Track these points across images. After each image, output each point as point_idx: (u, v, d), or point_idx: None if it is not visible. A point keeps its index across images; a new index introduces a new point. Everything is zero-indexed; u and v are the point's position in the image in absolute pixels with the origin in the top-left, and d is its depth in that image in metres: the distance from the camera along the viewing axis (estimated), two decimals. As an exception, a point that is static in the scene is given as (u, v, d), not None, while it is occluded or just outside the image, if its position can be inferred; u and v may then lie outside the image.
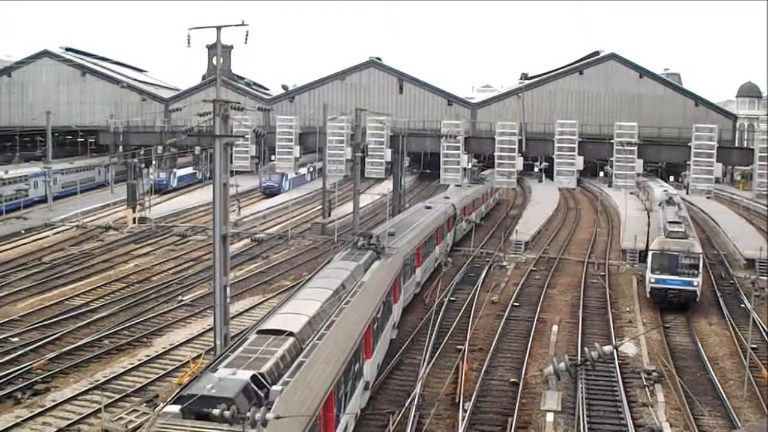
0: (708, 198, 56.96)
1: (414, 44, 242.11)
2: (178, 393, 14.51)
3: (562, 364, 17.87)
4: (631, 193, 65.48)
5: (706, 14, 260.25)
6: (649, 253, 37.75)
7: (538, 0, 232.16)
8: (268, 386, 15.04)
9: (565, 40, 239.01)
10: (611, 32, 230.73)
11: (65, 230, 54.79)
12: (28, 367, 27.49)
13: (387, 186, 67.84)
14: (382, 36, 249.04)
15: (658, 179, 71.21)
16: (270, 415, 12.83)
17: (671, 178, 69.77)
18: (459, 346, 30.16)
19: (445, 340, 31.20)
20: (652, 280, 37.20)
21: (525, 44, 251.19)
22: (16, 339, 30.99)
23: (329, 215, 58.22)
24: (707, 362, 29.85)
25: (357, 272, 26.61)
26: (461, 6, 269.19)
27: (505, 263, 47.04)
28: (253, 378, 14.92)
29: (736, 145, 61.56)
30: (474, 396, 25.36)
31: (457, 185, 56.86)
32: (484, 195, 65.54)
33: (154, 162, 71.57)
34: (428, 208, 47.09)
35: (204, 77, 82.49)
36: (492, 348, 30.49)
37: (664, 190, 59.20)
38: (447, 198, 52.44)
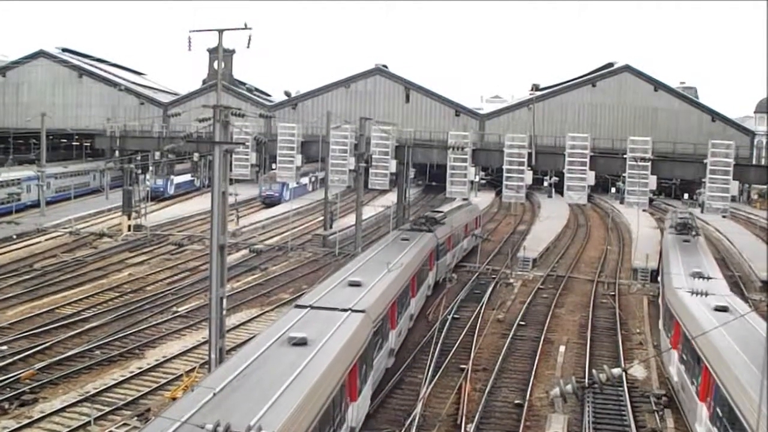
0: (724, 217, 56.07)
1: (422, 52, 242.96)
2: None
3: (569, 386, 17.19)
4: (644, 210, 64.44)
5: (725, 28, 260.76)
6: None
7: (550, 9, 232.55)
8: None
9: (578, 51, 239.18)
10: (626, 44, 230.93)
11: (58, 236, 54.37)
12: (16, 377, 27.07)
13: (391, 198, 67.00)
14: (389, 43, 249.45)
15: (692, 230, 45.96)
16: None
17: (685, 196, 68.16)
18: (462, 366, 29.53)
19: (447, 359, 30.58)
20: None
21: (536, 54, 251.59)
22: (4, 347, 30.54)
23: (331, 227, 57.61)
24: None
25: None
26: (471, 14, 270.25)
27: (511, 280, 46.35)
28: None
29: (754, 162, 60.46)
30: (477, 417, 24.79)
31: (403, 237, 39.64)
32: (433, 253, 40.56)
33: (151, 168, 71.07)
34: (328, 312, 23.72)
35: (204, 82, 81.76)
36: (496, 368, 29.88)
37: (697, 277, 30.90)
38: (357, 285, 27.46)
